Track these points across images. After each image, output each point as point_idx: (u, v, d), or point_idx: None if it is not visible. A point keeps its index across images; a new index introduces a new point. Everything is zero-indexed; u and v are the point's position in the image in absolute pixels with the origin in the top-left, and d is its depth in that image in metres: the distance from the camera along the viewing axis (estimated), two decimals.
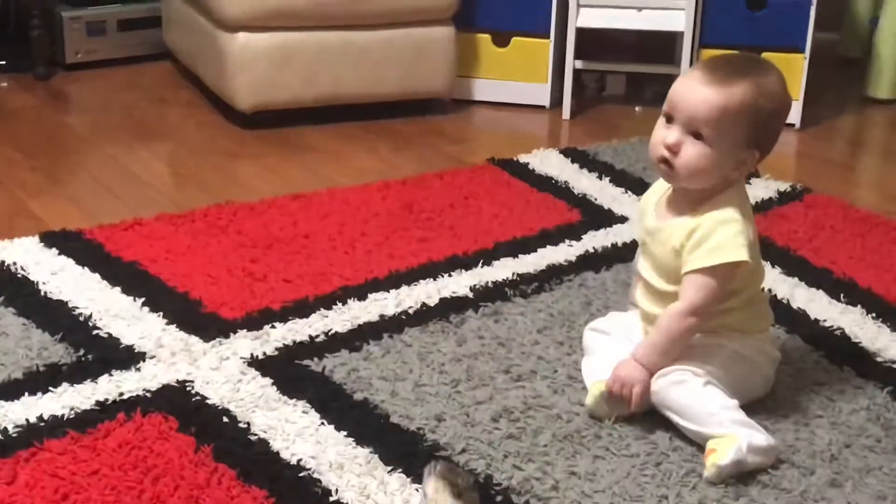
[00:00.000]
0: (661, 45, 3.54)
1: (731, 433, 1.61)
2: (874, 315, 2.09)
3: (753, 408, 1.75)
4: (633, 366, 1.71)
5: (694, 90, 1.66)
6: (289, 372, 1.84)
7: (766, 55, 3.19)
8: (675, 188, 1.75)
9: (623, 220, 2.54)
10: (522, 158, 2.92)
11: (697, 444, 1.66)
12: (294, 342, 1.93)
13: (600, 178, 2.80)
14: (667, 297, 1.74)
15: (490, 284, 2.19)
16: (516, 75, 3.43)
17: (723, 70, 1.66)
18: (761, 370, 1.78)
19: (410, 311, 2.06)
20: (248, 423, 1.69)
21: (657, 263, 1.76)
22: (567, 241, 2.42)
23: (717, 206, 1.69)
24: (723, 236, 1.66)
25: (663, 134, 1.69)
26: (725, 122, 1.64)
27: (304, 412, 1.73)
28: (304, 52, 3.09)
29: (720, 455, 1.58)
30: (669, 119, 1.69)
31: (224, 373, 1.83)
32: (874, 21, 3.67)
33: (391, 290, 2.14)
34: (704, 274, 1.67)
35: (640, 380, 1.69)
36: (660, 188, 1.81)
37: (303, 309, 2.05)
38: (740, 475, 1.59)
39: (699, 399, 1.65)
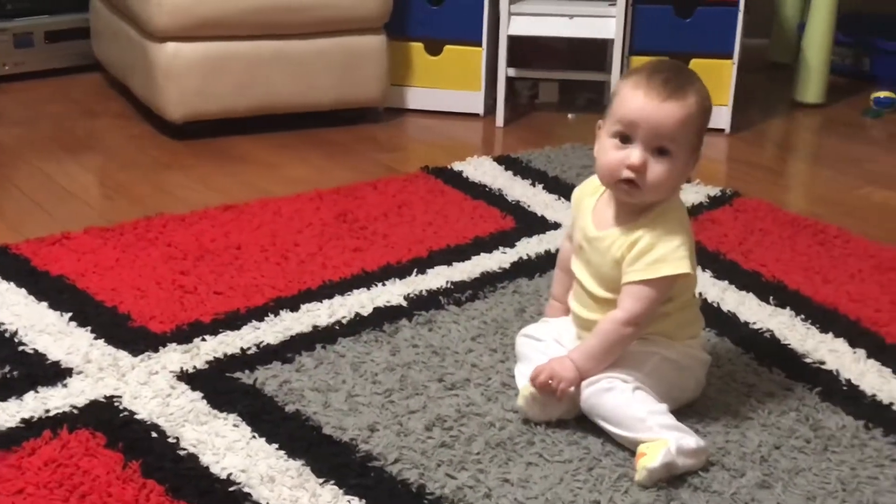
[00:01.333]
0: (592, 53, 3.56)
1: (660, 437, 1.62)
2: (803, 317, 2.12)
3: (684, 411, 1.76)
4: (567, 364, 1.70)
5: (657, 108, 1.63)
6: (219, 385, 1.82)
7: (695, 62, 3.27)
8: (619, 202, 1.73)
9: (556, 226, 2.55)
10: (456, 166, 2.92)
11: (629, 448, 1.66)
12: (225, 355, 1.91)
13: (534, 185, 2.81)
14: (604, 303, 1.75)
15: (424, 293, 2.18)
16: (449, 83, 3.43)
17: (671, 82, 1.64)
18: (692, 374, 1.79)
19: (344, 321, 2.05)
20: (178, 438, 1.67)
21: (595, 271, 1.76)
22: (501, 249, 2.42)
23: (660, 216, 1.69)
24: (665, 249, 1.67)
25: (622, 155, 1.66)
26: (687, 133, 1.65)
27: (234, 426, 1.71)
28: (234, 61, 3.07)
29: (650, 458, 1.59)
30: (625, 139, 1.67)
31: (153, 387, 1.80)
32: (802, 26, 3.73)
33: (324, 301, 2.13)
34: (645, 285, 1.67)
35: (570, 379, 1.69)
36: (593, 189, 1.79)
37: (234, 321, 2.03)
38: (671, 478, 1.60)
39: (628, 405, 1.66)
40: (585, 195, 1.81)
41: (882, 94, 3.66)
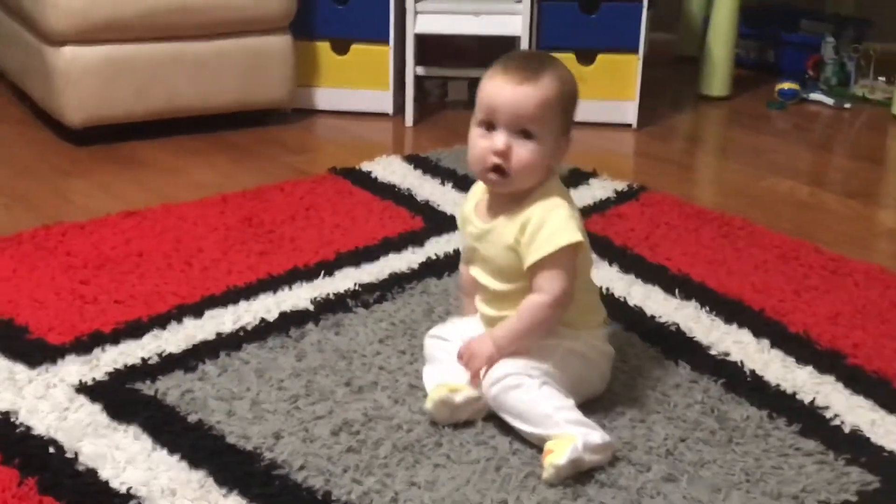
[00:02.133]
0: (502, 50, 3.55)
1: (567, 433, 1.62)
2: (708, 308, 2.14)
3: (591, 406, 1.76)
4: (486, 343, 1.70)
5: (513, 92, 1.67)
6: (119, 397, 1.77)
7: (601, 57, 3.30)
8: (494, 194, 1.76)
9: None
10: (365, 167, 2.90)
11: (537, 446, 1.66)
12: (125, 365, 1.87)
13: (443, 183, 2.80)
14: (508, 297, 1.75)
15: (331, 296, 2.16)
16: (357, 83, 3.41)
17: (527, 67, 1.69)
18: (597, 367, 1.79)
19: (249, 328, 2.02)
20: (76, 453, 1.62)
21: (492, 266, 1.76)
22: (410, 249, 2.41)
23: (542, 196, 1.71)
24: (555, 222, 1.68)
25: (488, 143, 1.69)
26: (548, 114, 1.68)
27: (135, 438, 1.67)
28: (135, 64, 3.01)
29: (557, 455, 1.59)
30: (489, 126, 1.69)
31: (51, 401, 1.75)
32: (708, 20, 3.77)
33: (229, 307, 2.09)
34: (552, 264, 1.68)
35: (489, 358, 1.70)
36: (474, 196, 1.82)
37: (135, 330, 1.98)
38: (578, 475, 1.60)
39: (535, 401, 1.66)
40: (468, 206, 1.83)
41: (786, 85, 3.72)
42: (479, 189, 1.81)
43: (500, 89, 1.67)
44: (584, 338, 1.76)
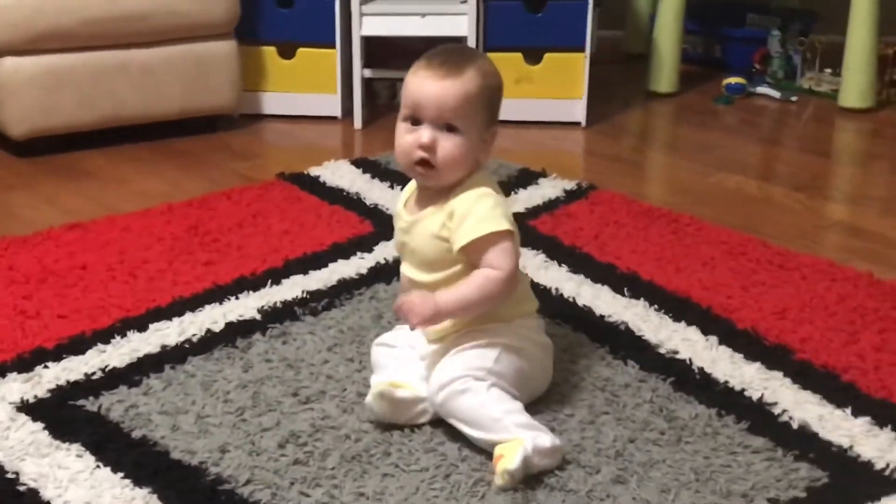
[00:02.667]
0: None
1: (516, 437, 1.61)
2: (656, 307, 2.14)
3: (539, 408, 1.76)
4: (429, 303, 1.68)
5: (435, 85, 1.69)
6: (62, 414, 1.75)
7: (548, 56, 3.30)
8: (422, 188, 1.78)
9: None
10: (313, 171, 2.88)
11: (486, 452, 1.64)
12: (68, 382, 1.84)
13: (392, 187, 2.78)
14: (433, 288, 1.74)
15: (279, 304, 2.14)
16: (305, 87, 3.39)
17: (449, 62, 1.71)
18: (537, 360, 1.78)
19: (194, 339, 1.99)
20: (17, 473, 1.60)
21: (418, 258, 1.78)
22: (359, 254, 2.39)
23: (467, 188, 1.73)
24: (482, 211, 1.70)
25: (414, 137, 1.71)
26: (471, 107, 1.70)
27: (78, 456, 1.64)
28: (77, 73, 2.97)
29: (509, 460, 1.58)
30: (415, 122, 1.71)
31: None
32: (654, 17, 3.78)
33: (174, 319, 2.06)
34: (499, 242, 1.68)
35: (425, 317, 1.68)
36: (406, 192, 1.84)
37: (78, 345, 1.95)
38: (527, 479, 1.59)
39: (484, 406, 1.65)
40: (400, 203, 1.85)
41: (733, 80, 3.74)
42: (411, 186, 1.83)
43: (423, 84, 1.69)
44: (519, 331, 1.76)
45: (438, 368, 1.71)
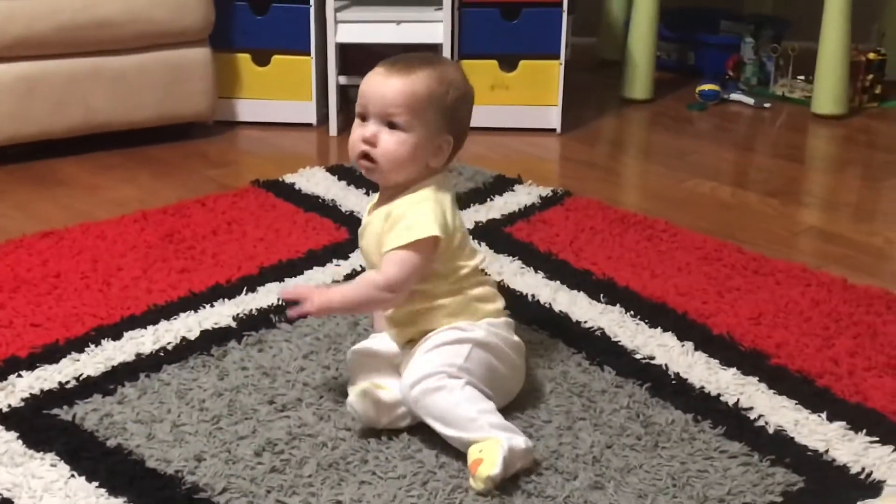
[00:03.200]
0: None
1: (491, 437, 1.60)
2: (632, 313, 2.14)
3: (516, 414, 1.76)
4: (324, 298, 1.72)
5: (381, 83, 1.72)
6: (36, 423, 1.73)
7: (524, 63, 3.30)
8: (381, 189, 1.80)
9: None
10: (288, 178, 2.87)
11: (463, 457, 1.64)
12: (42, 391, 1.82)
13: (367, 193, 2.78)
14: None
15: (254, 312, 2.13)
16: (280, 94, 3.38)
17: (403, 62, 1.75)
18: (509, 360, 1.78)
19: (169, 347, 1.98)
20: None
21: (370, 259, 1.81)
22: (335, 261, 2.38)
23: (413, 191, 1.76)
24: (413, 216, 1.72)
25: (360, 132, 1.74)
26: (416, 105, 1.71)
27: (52, 465, 1.63)
28: (50, 80, 2.95)
29: (489, 465, 1.57)
30: (364, 118, 1.75)
31: None
32: (628, 24, 3.79)
33: (149, 327, 2.05)
34: (401, 250, 1.71)
35: (315, 309, 1.73)
36: (371, 198, 1.87)
37: (52, 354, 1.94)
38: (504, 484, 1.59)
39: (458, 404, 1.65)
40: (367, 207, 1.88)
41: (707, 86, 3.76)
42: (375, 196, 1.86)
43: (371, 80, 1.74)
44: (489, 328, 1.76)
45: (411, 365, 1.71)
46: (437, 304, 1.76)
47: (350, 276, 2.30)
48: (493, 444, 1.60)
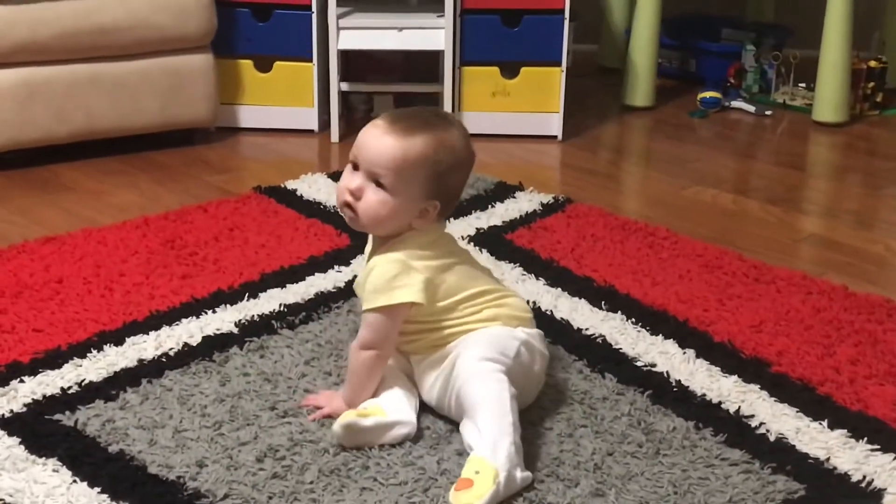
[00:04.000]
0: (429, 64, 3.55)
1: (496, 466, 1.57)
2: (633, 320, 2.14)
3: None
4: (339, 400, 1.78)
5: (376, 139, 1.72)
6: (38, 429, 1.73)
7: (525, 70, 3.31)
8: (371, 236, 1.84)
9: None
10: (290, 185, 2.88)
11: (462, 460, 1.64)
12: (44, 396, 1.83)
13: None
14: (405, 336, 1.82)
15: (256, 318, 2.13)
16: (282, 100, 3.38)
17: (405, 122, 1.74)
18: (536, 371, 1.80)
19: (171, 353, 1.98)
20: None
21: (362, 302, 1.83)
22: (336, 267, 2.38)
23: (391, 248, 1.77)
24: (378, 281, 1.73)
25: (347, 180, 1.75)
26: (405, 171, 1.71)
27: (54, 470, 1.63)
28: (52, 86, 2.96)
29: (474, 496, 1.54)
30: (356, 166, 1.75)
31: None
32: (629, 31, 3.80)
33: (151, 333, 2.05)
34: (372, 313, 1.74)
35: (335, 409, 1.76)
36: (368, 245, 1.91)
37: (54, 359, 1.94)
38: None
39: (506, 408, 1.64)
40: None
41: (708, 94, 3.76)
42: None
43: (368, 133, 1.74)
44: (528, 334, 1.79)
45: (472, 343, 1.73)
46: (449, 332, 1.77)
47: (352, 283, 2.29)
48: (490, 475, 1.56)
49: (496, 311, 1.80)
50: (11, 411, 1.78)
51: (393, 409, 1.74)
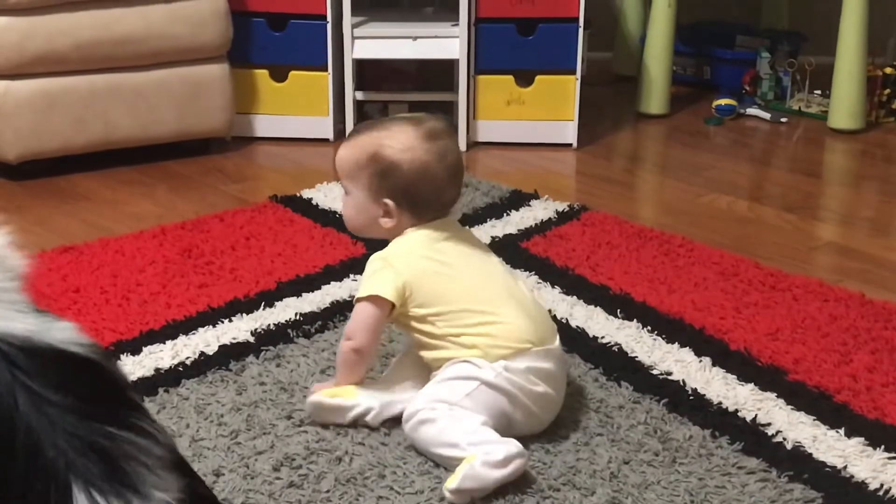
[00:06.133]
0: (444, 73, 3.56)
1: (468, 455, 1.62)
2: (649, 328, 2.14)
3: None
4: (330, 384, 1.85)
5: (338, 152, 1.88)
6: None
7: (540, 78, 3.31)
8: None
9: None
10: (306, 194, 2.88)
11: None
12: None
13: None
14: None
15: (272, 327, 2.14)
16: (297, 109, 3.39)
17: (356, 129, 1.90)
18: (522, 406, 1.74)
19: (188, 362, 1.99)
20: None
21: None
22: (351, 276, 2.39)
23: (384, 248, 1.85)
24: (364, 274, 1.83)
25: None
26: (348, 172, 1.84)
27: None
28: (70, 97, 2.98)
29: (451, 480, 1.60)
30: None
31: None
32: (644, 39, 3.80)
33: (167, 342, 2.06)
34: (358, 303, 1.81)
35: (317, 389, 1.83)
36: None
37: None
38: (521, 499, 1.59)
39: (442, 431, 1.67)
40: None
41: (723, 101, 3.76)
42: None
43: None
44: (500, 372, 1.72)
45: (413, 399, 1.75)
46: (444, 344, 1.77)
47: None
48: (466, 460, 1.61)
49: (475, 339, 1.74)
50: None
51: (365, 394, 1.80)
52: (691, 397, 1.90)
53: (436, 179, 1.81)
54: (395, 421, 1.78)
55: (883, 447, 1.75)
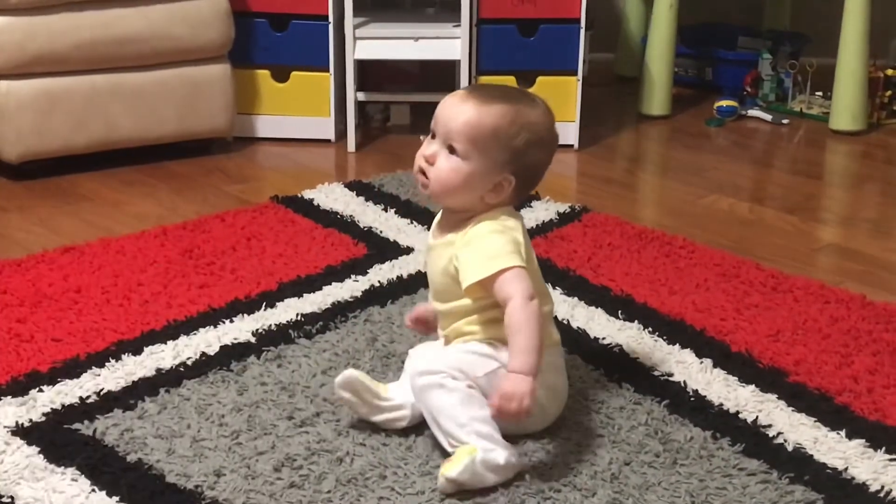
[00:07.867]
0: (445, 74, 3.56)
1: (470, 445, 1.62)
2: (650, 329, 2.14)
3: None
4: (515, 378, 1.63)
5: (453, 105, 1.71)
6: (57, 438, 1.74)
7: (541, 79, 3.31)
8: (443, 209, 1.80)
9: (409, 251, 2.53)
10: (307, 194, 2.88)
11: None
12: (63, 405, 1.84)
13: (385, 209, 2.79)
14: (447, 317, 1.78)
15: (273, 327, 2.14)
16: (298, 110, 3.39)
17: (485, 91, 1.74)
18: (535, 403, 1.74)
19: (189, 363, 1.99)
20: (12, 497, 1.60)
21: (432, 286, 1.81)
22: (353, 277, 2.39)
23: (476, 225, 1.73)
24: (484, 250, 1.69)
25: (424, 147, 1.74)
26: (478, 137, 1.69)
27: (73, 480, 1.64)
28: (71, 96, 2.97)
29: (451, 467, 1.60)
30: (434, 135, 1.74)
31: None
32: (646, 40, 3.80)
33: (168, 342, 2.06)
34: (503, 273, 1.67)
35: (528, 391, 1.62)
36: (438, 215, 1.85)
37: (73, 369, 1.95)
38: (521, 500, 1.59)
39: (454, 406, 1.66)
40: (436, 219, 1.85)
41: (724, 102, 3.75)
42: None
43: (447, 101, 1.73)
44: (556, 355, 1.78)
45: (429, 353, 1.74)
46: (473, 328, 1.75)
47: (368, 292, 2.30)
48: (467, 450, 1.61)
49: (497, 331, 1.73)
50: (30, 420, 1.79)
51: (397, 394, 1.77)
52: (692, 399, 1.90)
53: (548, 164, 1.80)
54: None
55: (884, 449, 1.75)
